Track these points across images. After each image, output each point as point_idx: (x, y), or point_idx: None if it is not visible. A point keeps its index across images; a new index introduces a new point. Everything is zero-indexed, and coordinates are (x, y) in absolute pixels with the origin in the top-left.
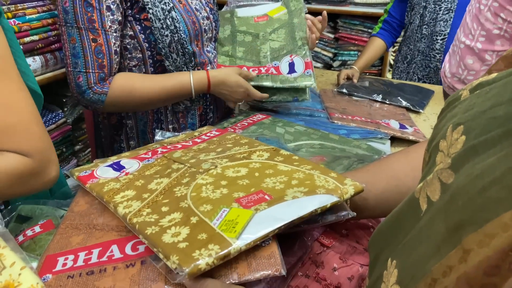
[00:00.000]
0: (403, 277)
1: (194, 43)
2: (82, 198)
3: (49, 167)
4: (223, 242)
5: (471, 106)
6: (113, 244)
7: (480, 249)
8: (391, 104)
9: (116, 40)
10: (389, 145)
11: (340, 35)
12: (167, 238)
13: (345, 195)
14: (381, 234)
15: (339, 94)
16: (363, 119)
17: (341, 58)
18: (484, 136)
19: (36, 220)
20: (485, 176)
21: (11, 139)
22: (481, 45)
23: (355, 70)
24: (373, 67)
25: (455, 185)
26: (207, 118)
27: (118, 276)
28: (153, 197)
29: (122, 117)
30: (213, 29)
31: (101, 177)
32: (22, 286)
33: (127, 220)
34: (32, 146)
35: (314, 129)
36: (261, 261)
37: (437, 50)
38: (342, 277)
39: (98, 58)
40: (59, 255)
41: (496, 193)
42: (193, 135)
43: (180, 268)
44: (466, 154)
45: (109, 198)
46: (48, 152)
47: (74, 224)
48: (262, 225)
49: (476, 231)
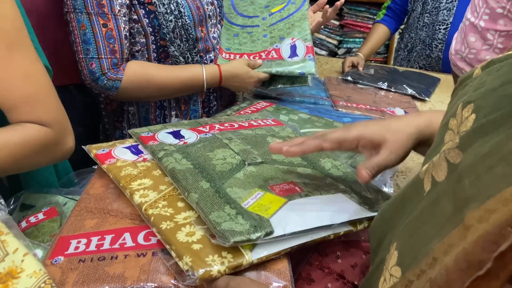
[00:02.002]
0: (404, 258)
1: (199, 28)
2: (98, 181)
3: (67, 137)
4: (236, 252)
5: (481, 84)
6: (126, 232)
7: (479, 224)
8: (396, 92)
9: (125, 24)
10: None
11: (345, 22)
12: (182, 236)
13: (359, 225)
14: (383, 220)
15: (344, 81)
16: (368, 107)
17: (346, 45)
18: (494, 114)
19: (39, 208)
20: (493, 154)
21: (32, 109)
22: (484, 23)
23: (360, 58)
24: (378, 55)
25: (462, 164)
26: (210, 105)
27: (129, 263)
28: (169, 191)
29: (123, 103)
30: (217, 14)
31: (119, 158)
32: (24, 272)
33: (142, 210)
34: (52, 116)
35: (318, 116)
36: (271, 274)
37: (439, 40)
38: (345, 265)
39: (109, 44)
40: (72, 238)
41: (502, 170)
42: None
43: (192, 271)
44: (475, 133)
45: (125, 184)
46: (65, 122)
47: (89, 207)
48: (276, 242)
49: (478, 208)
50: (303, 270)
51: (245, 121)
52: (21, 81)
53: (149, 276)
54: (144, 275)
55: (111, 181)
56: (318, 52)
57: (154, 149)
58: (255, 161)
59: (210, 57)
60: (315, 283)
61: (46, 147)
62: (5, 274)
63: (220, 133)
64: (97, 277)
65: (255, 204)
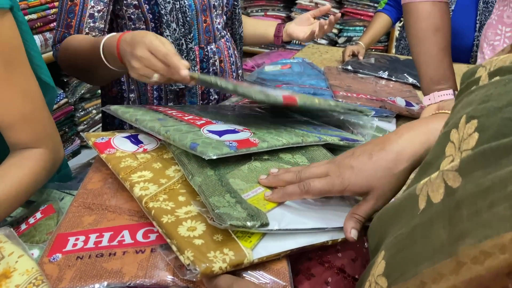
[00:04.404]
0: (391, 271)
1: (202, 18)
2: (96, 174)
3: (59, 149)
4: (238, 250)
5: (487, 97)
6: (124, 230)
7: (473, 265)
8: (397, 81)
9: (97, 4)
10: (395, 123)
11: (345, 10)
12: (183, 231)
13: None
14: (381, 223)
15: (344, 71)
16: (368, 97)
17: (347, 34)
18: (497, 141)
19: (39, 205)
20: (496, 190)
21: (29, 127)
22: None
23: (360, 46)
24: (379, 43)
25: (461, 191)
26: (210, 98)
27: (127, 259)
28: (170, 185)
29: (123, 90)
30: (224, 5)
31: (118, 148)
32: (17, 271)
33: (143, 202)
34: (46, 132)
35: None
36: (270, 275)
37: None
38: (345, 259)
39: (68, 18)
40: (70, 235)
41: (504, 211)
42: None
43: (193, 266)
44: (477, 160)
45: (125, 176)
46: (56, 135)
47: (87, 203)
48: (276, 243)
49: (473, 245)
50: (303, 265)
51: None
52: (19, 99)
53: (147, 272)
54: (142, 271)
55: (109, 175)
56: (318, 41)
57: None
58: (261, 157)
59: (212, 49)
60: (315, 278)
61: (47, 169)
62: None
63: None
64: (95, 273)
65: (254, 198)
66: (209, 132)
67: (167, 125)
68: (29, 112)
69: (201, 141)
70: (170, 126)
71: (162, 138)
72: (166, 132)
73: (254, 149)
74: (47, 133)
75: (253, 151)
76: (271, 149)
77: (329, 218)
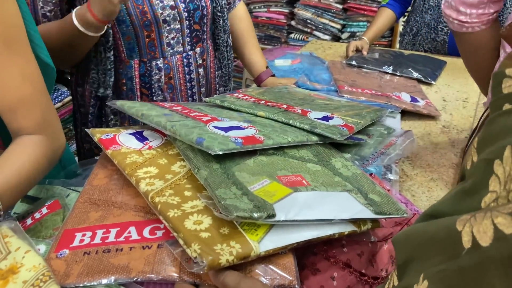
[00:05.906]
0: None
1: (143, 33)
2: (102, 170)
3: (59, 135)
4: (244, 243)
5: None
6: (131, 226)
7: None
8: (402, 76)
9: (45, 4)
10: (400, 119)
11: (348, 5)
12: (189, 224)
13: (363, 226)
14: (409, 241)
15: (348, 66)
16: (373, 92)
17: (350, 29)
18: None
19: (44, 201)
20: None
21: (28, 112)
22: None
23: (364, 42)
24: (383, 38)
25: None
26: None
27: (134, 255)
28: (176, 180)
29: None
30: (183, 19)
31: (124, 145)
32: (24, 267)
33: (149, 198)
34: (45, 118)
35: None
36: (276, 269)
37: (445, 22)
38: (351, 254)
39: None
40: (77, 231)
41: None
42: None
43: (200, 259)
44: None
45: (131, 171)
46: (56, 122)
47: (93, 199)
48: (283, 236)
49: None
50: (308, 260)
51: None
52: (18, 81)
53: (154, 267)
54: (149, 267)
55: (115, 171)
56: (321, 37)
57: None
58: (267, 152)
59: (158, 65)
60: (321, 273)
61: (47, 156)
62: (6, 271)
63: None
64: (102, 268)
65: (260, 190)
66: (215, 128)
67: (173, 120)
68: (28, 95)
69: (207, 136)
70: (176, 121)
71: (168, 133)
72: (172, 127)
73: (260, 146)
74: (46, 119)
75: (259, 148)
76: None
77: (336, 210)
